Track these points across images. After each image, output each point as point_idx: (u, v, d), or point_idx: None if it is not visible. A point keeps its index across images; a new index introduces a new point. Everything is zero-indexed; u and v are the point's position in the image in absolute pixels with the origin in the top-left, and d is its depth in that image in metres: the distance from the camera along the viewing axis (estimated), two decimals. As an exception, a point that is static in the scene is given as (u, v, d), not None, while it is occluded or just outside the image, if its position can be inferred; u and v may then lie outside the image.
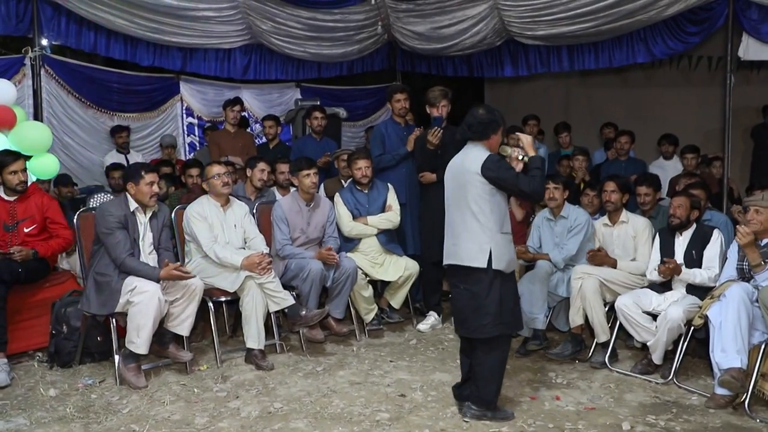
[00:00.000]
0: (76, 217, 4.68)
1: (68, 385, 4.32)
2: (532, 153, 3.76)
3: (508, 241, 3.72)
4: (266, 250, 4.93)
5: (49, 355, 4.66)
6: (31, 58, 6.68)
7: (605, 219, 5.16)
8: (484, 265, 3.64)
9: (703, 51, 8.70)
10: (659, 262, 4.60)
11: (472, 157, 3.69)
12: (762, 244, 4.18)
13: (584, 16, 6.63)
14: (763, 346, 3.96)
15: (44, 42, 6.80)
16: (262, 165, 5.66)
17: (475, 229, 3.67)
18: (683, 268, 4.49)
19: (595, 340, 4.78)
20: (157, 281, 4.31)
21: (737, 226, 4.25)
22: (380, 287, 5.69)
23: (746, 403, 3.88)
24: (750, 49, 6.19)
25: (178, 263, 4.50)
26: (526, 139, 3.83)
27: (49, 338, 4.67)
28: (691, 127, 8.98)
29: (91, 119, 7.48)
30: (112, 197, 5.77)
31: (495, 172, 3.60)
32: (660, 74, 9.76)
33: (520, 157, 3.75)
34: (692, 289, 4.52)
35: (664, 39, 6.76)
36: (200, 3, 6.80)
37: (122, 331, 4.38)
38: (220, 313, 5.30)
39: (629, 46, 7.06)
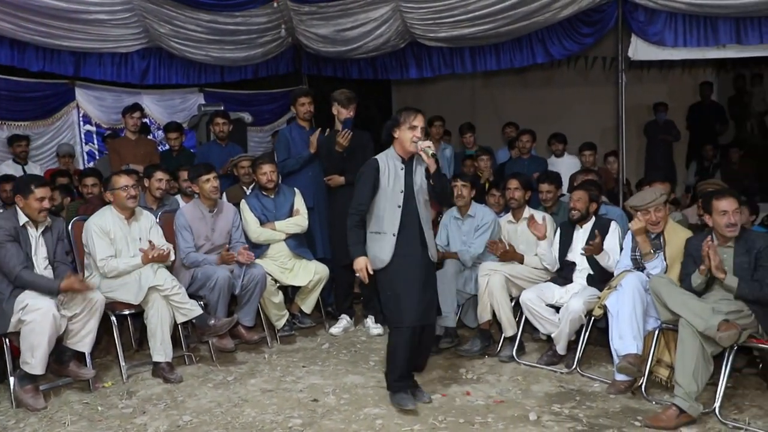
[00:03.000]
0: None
1: (-41, 412, 4.08)
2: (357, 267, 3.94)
3: (377, 240, 3.94)
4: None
5: (-63, 381, 4.38)
6: None
7: (509, 216, 5.30)
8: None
9: (598, 52, 9.09)
10: (558, 253, 4.79)
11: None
12: (653, 237, 4.39)
13: (483, 18, 6.79)
14: (656, 332, 4.18)
15: None
16: (159, 174, 5.50)
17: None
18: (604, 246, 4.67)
19: (503, 334, 4.90)
20: (57, 293, 4.12)
21: (635, 213, 4.42)
22: (291, 292, 5.65)
23: (643, 387, 4.09)
24: (639, 49, 6.49)
25: (79, 275, 4.30)
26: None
27: (-62, 363, 4.37)
28: (589, 124, 9.36)
29: (-23, 129, 7.07)
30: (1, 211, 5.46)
31: (357, 175, 3.94)
32: (558, 74, 10.12)
33: (429, 152, 3.86)
34: (591, 280, 4.70)
35: (560, 40, 7.00)
36: (92, 6, 6.49)
37: (17, 352, 4.15)
38: (125, 326, 5.12)
39: (529, 48, 7.26)
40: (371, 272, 3.91)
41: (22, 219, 4.24)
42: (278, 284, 5.29)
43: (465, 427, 3.73)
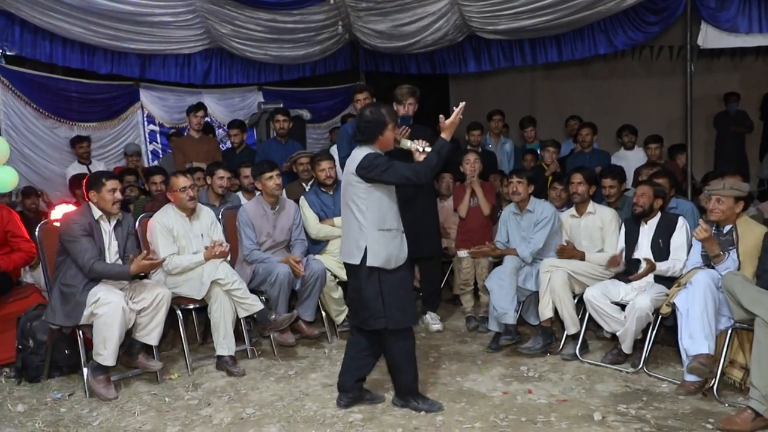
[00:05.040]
0: (38, 229, 4.58)
1: (37, 399, 4.26)
2: (445, 136, 3.70)
3: (389, 238, 3.74)
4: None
5: (17, 370, 4.59)
6: (-15, 69, 6.54)
7: (572, 210, 5.19)
8: (358, 261, 3.74)
9: (664, 41, 8.80)
10: (623, 254, 4.64)
11: (353, 158, 3.77)
12: (725, 231, 4.22)
13: (544, 9, 6.65)
14: (729, 332, 4.01)
15: (-1, 52, 6.66)
16: (220, 172, 5.63)
17: (354, 227, 3.78)
18: (657, 265, 4.50)
19: (566, 332, 4.81)
20: (130, 279, 4.28)
21: (700, 220, 4.28)
22: (350, 288, 5.65)
23: (715, 388, 3.93)
24: (709, 37, 6.25)
25: (145, 252, 4.41)
26: (443, 123, 3.74)
27: (16, 353, 4.59)
28: (655, 116, 9.07)
29: (49, 130, 7.32)
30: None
31: (368, 168, 3.66)
32: (622, 65, 9.86)
33: (421, 149, 3.75)
34: (659, 277, 4.55)
35: (624, 30, 6.82)
36: (157, 8, 6.67)
37: (90, 343, 4.32)
38: (190, 320, 5.25)
39: (591, 38, 7.10)
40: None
41: (96, 213, 4.38)
42: (338, 280, 5.30)
43: (527, 425, 3.67)
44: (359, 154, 3.74)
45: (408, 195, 5.41)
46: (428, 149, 3.74)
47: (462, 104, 3.74)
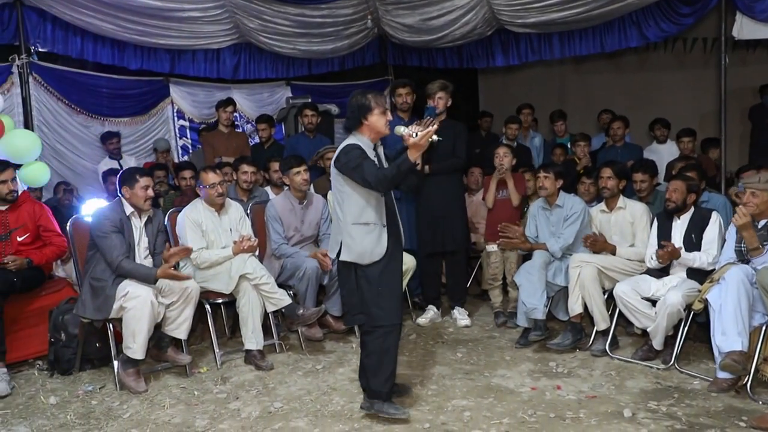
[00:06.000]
0: (69, 224, 4.64)
1: (68, 392, 4.32)
2: (410, 154, 3.48)
3: (365, 232, 3.58)
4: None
5: (49, 363, 4.66)
6: (18, 66, 6.61)
7: (602, 205, 5.12)
8: (334, 255, 3.72)
9: (698, 32, 8.63)
10: (657, 247, 4.56)
11: (338, 148, 3.68)
12: (760, 226, 4.13)
13: (574, 2, 6.57)
14: (763, 328, 3.92)
15: (31, 49, 6.73)
16: (244, 167, 5.65)
17: (336, 220, 3.73)
18: (682, 251, 4.44)
19: (595, 328, 4.75)
20: (155, 282, 4.30)
21: (737, 207, 4.19)
22: (378, 283, 5.64)
23: (748, 385, 3.85)
24: (744, 28, 6.11)
25: (170, 251, 4.43)
26: (409, 143, 3.51)
27: (48, 346, 4.66)
28: (688, 110, 8.93)
29: (81, 126, 7.41)
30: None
31: (342, 161, 3.56)
32: (654, 58, 9.71)
33: (414, 135, 3.51)
34: (692, 273, 4.47)
35: (656, 21, 6.70)
36: (186, 3, 6.73)
37: (120, 337, 4.37)
38: (218, 314, 5.27)
39: (621, 31, 6.99)
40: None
41: (128, 209, 4.43)
42: (365, 275, 5.30)
43: (556, 422, 3.64)
44: (343, 143, 3.66)
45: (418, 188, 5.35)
46: (420, 134, 3.47)
47: (434, 127, 3.50)
